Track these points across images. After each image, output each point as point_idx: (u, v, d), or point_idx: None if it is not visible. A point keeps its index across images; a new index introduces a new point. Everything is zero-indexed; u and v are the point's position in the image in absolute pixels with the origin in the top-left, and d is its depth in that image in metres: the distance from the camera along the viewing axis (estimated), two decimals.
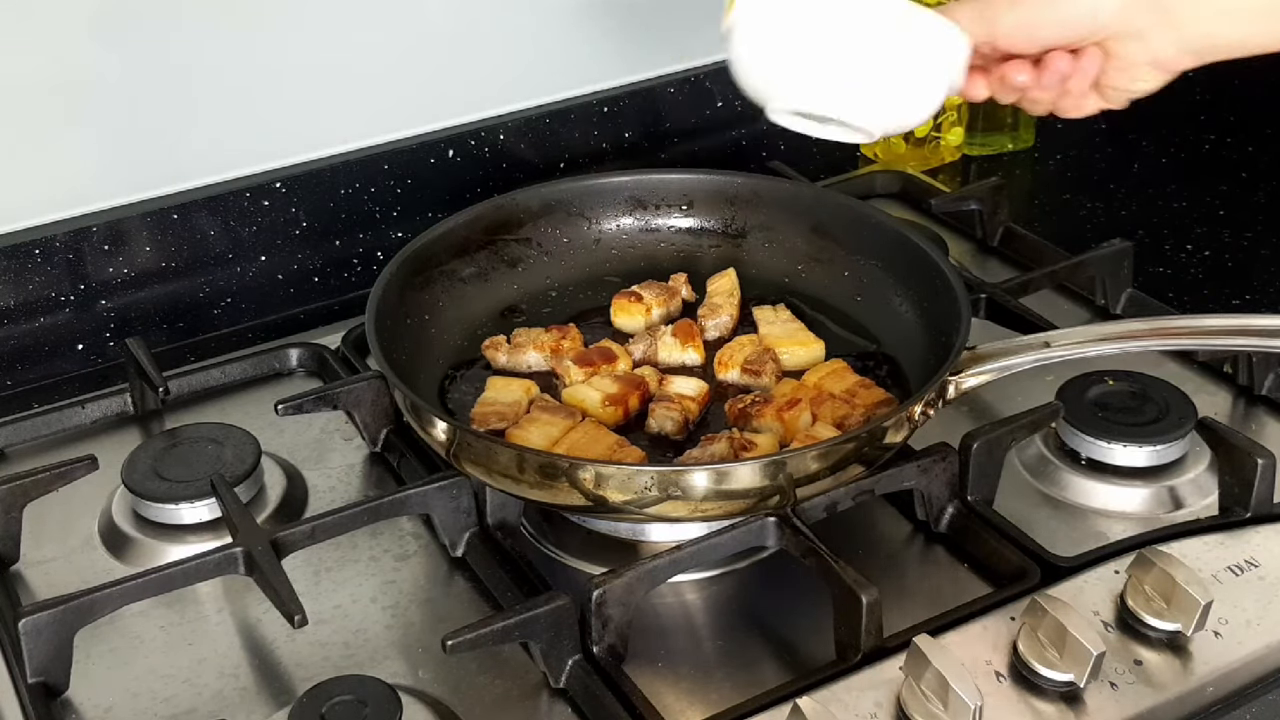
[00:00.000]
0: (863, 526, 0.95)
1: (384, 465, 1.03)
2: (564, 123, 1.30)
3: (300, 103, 1.20)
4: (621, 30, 1.31)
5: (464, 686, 0.84)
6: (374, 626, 0.89)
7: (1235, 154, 1.45)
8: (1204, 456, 0.98)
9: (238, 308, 1.22)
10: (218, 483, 0.93)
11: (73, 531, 0.97)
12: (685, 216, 1.15)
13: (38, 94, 1.09)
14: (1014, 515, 0.93)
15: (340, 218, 1.23)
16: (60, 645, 0.83)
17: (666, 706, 0.81)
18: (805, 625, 0.86)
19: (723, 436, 0.92)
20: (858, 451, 0.87)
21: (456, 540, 0.93)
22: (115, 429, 1.07)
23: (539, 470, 0.86)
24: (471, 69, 1.26)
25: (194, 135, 1.17)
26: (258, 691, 0.85)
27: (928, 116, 0.88)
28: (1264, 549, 0.89)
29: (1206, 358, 1.10)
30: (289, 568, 0.86)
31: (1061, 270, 1.18)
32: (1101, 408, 1.00)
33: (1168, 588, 0.82)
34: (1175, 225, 1.33)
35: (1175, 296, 1.20)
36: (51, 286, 1.14)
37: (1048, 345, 0.94)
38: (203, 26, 1.13)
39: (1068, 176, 1.43)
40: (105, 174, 1.14)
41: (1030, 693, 0.80)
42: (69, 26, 1.08)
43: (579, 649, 0.82)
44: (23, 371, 1.14)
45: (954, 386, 0.93)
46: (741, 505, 0.86)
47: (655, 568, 0.83)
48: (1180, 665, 0.82)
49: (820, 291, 1.10)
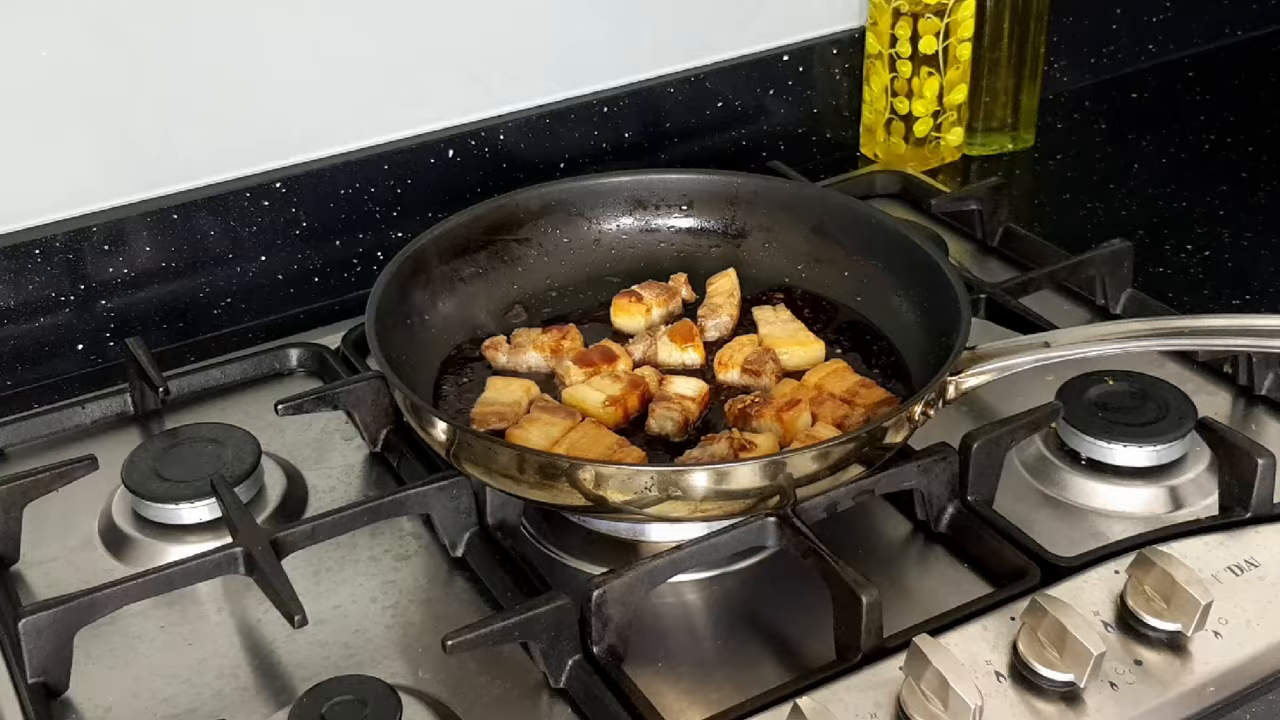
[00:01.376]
0: (863, 526, 0.95)
1: (384, 465, 1.03)
2: (564, 123, 1.30)
3: (300, 103, 1.20)
4: (621, 30, 1.31)
5: (464, 686, 0.84)
6: (374, 626, 0.89)
7: (1235, 154, 1.45)
8: (1204, 456, 0.98)
9: (238, 308, 1.22)
10: (218, 483, 0.93)
11: (73, 531, 0.97)
12: (685, 216, 1.15)
13: (38, 94, 1.09)
14: (1014, 515, 0.93)
15: (340, 218, 1.23)
16: (60, 645, 0.83)
17: (666, 706, 0.81)
18: (805, 625, 0.87)
19: (722, 437, 0.92)
20: (858, 451, 0.87)
21: (456, 540, 0.93)
22: (115, 429, 1.07)
23: (539, 470, 0.86)
24: (471, 69, 1.26)
25: (194, 135, 1.17)
26: (258, 691, 0.85)
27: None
28: (1264, 549, 0.90)
29: (1206, 358, 1.10)
30: (289, 568, 0.86)
31: (1061, 270, 1.18)
32: (1101, 408, 1.00)
33: (1168, 588, 0.82)
34: (1175, 225, 1.33)
35: (1175, 296, 1.20)
36: (51, 286, 1.14)
37: (1048, 345, 0.94)
38: (203, 26, 1.13)
39: (1068, 176, 1.43)
40: (105, 174, 1.14)
41: (1030, 693, 0.80)
42: (69, 26, 1.08)
43: (579, 649, 0.82)
44: (23, 371, 1.14)
45: (954, 386, 0.94)
46: (741, 505, 0.86)
47: (655, 568, 0.83)
48: (1180, 665, 0.82)
49: (820, 291, 1.11)
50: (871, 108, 1.42)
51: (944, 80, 1.37)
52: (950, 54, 1.36)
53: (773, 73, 1.40)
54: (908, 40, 1.35)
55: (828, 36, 1.43)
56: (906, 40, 1.35)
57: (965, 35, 1.36)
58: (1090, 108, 1.56)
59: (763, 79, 1.39)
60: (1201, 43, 1.68)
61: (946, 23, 1.34)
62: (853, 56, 1.43)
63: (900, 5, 1.34)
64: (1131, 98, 1.59)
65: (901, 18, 1.34)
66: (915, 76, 1.36)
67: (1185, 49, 1.67)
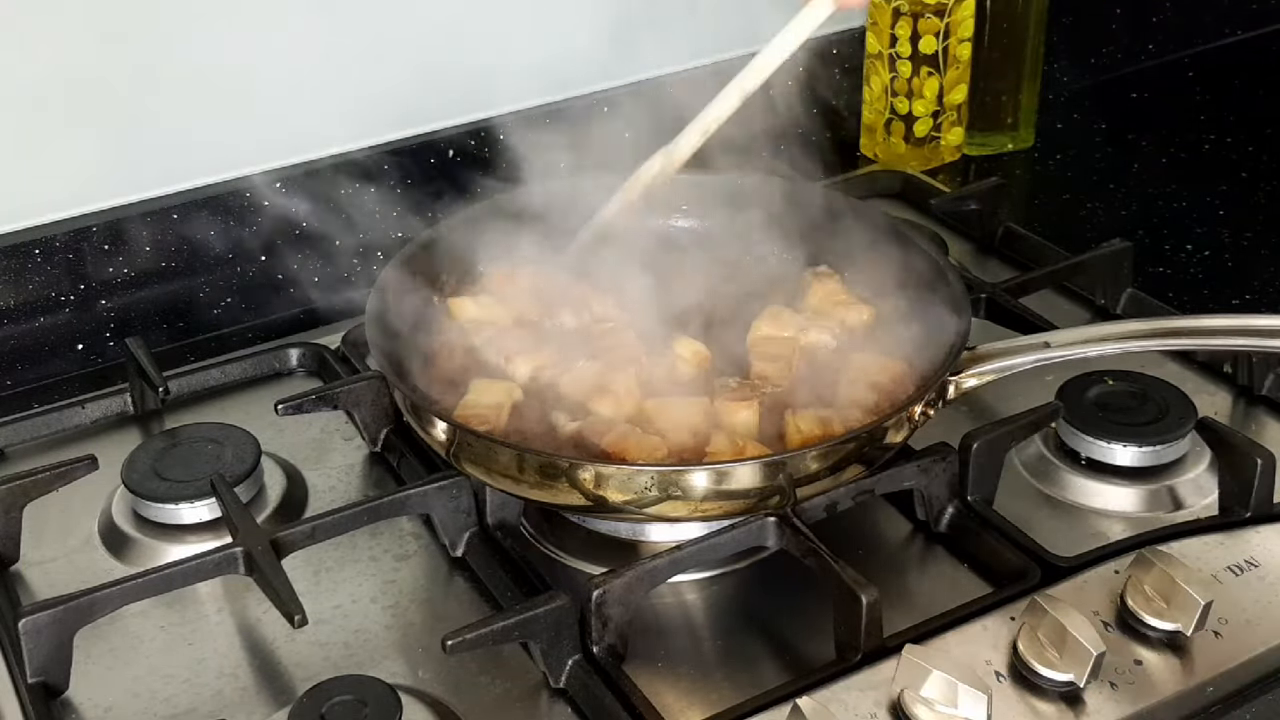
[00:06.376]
0: (863, 526, 0.95)
1: (384, 465, 1.03)
2: (564, 122, 1.30)
3: (300, 102, 1.19)
4: (621, 30, 1.31)
5: (464, 686, 0.84)
6: (374, 626, 0.89)
7: (1235, 154, 1.46)
8: (1204, 456, 0.98)
9: (238, 308, 1.21)
10: (218, 483, 0.93)
11: (73, 531, 0.97)
12: (685, 216, 1.15)
13: (38, 94, 1.09)
14: (1014, 515, 0.93)
15: (340, 218, 1.23)
16: (60, 645, 0.83)
17: (666, 706, 0.81)
18: (805, 625, 0.87)
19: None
20: (858, 451, 0.88)
21: (456, 540, 0.93)
22: (115, 429, 1.07)
23: (539, 470, 0.86)
24: (471, 68, 1.26)
25: (194, 135, 1.17)
26: (258, 691, 0.85)
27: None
28: (1264, 549, 0.89)
29: (1206, 358, 1.10)
30: (289, 568, 0.86)
31: (1061, 270, 1.18)
32: (1101, 408, 1.00)
33: (1168, 588, 0.82)
34: (1175, 225, 1.33)
35: (1175, 296, 1.20)
36: (51, 286, 1.14)
37: (1048, 345, 0.94)
38: (203, 26, 1.13)
39: (1068, 176, 1.43)
40: (105, 174, 1.14)
41: (1030, 693, 0.80)
42: (70, 26, 1.08)
43: (579, 649, 0.82)
44: (23, 371, 1.14)
45: (954, 386, 0.94)
46: (741, 505, 0.86)
47: (655, 568, 0.83)
48: (1180, 665, 0.82)
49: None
50: (871, 108, 1.42)
51: (944, 80, 1.37)
52: (950, 54, 1.36)
53: (773, 73, 1.40)
54: (908, 40, 1.35)
55: (828, 36, 1.43)
56: (906, 40, 1.35)
57: (965, 35, 1.36)
58: (1090, 108, 1.56)
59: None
60: (1201, 43, 1.68)
61: (946, 23, 1.34)
62: (853, 56, 1.43)
63: (900, 5, 1.34)
64: (1131, 98, 1.59)
65: (901, 18, 1.34)
66: (915, 76, 1.36)
67: (1185, 49, 1.67)
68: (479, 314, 1.04)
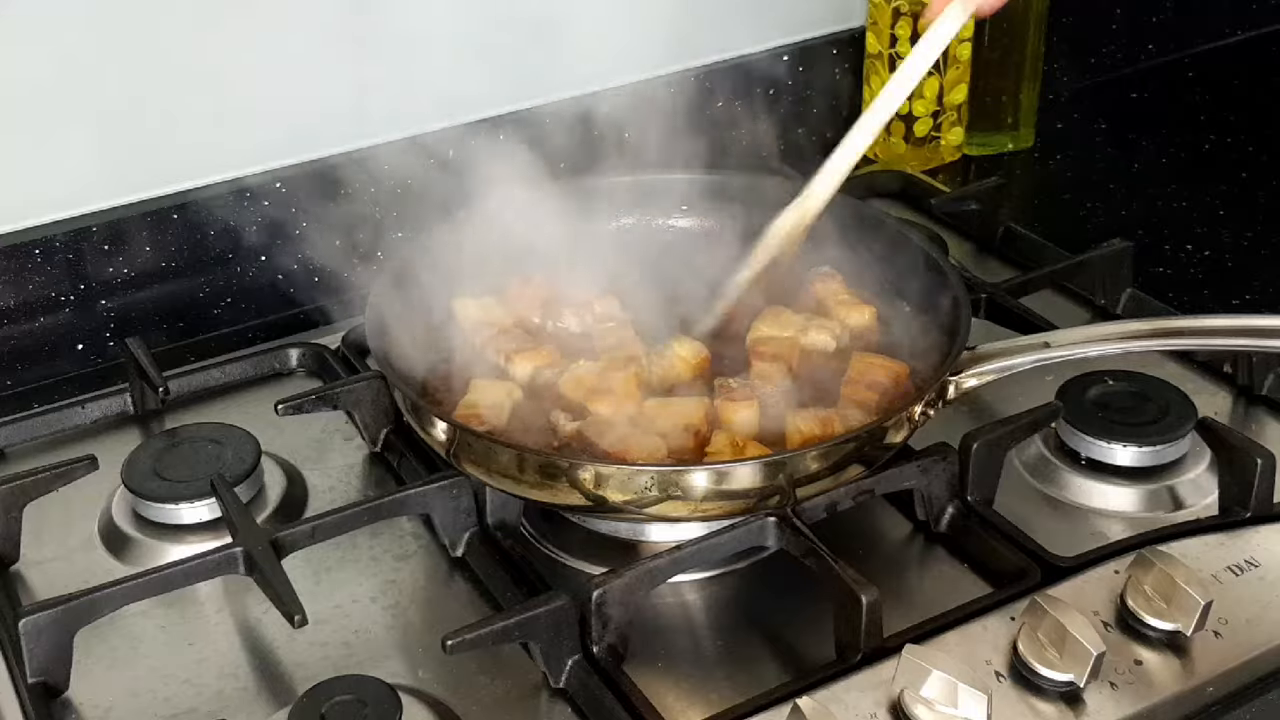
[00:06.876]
0: (863, 526, 0.95)
1: (384, 465, 1.03)
2: (562, 122, 1.30)
3: (300, 102, 1.19)
4: (620, 30, 1.31)
5: (464, 686, 0.84)
6: (374, 626, 0.89)
7: (1235, 154, 1.46)
8: (1204, 456, 0.98)
9: (238, 308, 1.21)
10: (218, 483, 0.93)
11: (73, 531, 0.97)
12: (685, 216, 1.15)
13: (38, 94, 1.09)
14: (1014, 515, 0.93)
15: (339, 218, 1.23)
16: (60, 645, 0.83)
17: (666, 706, 0.81)
18: (805, 625, 0.87)
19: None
20: (858, 451, 0.88)
21: (456, 540, 0.93)
22: (115, 429, 1.07)
23: (539, 470, 0.86)
24: (470, 68, 1.26)
25: (194, 135, 1.17)
26: (258, 691, 0.85)
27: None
28: (1264, 549, 0.89)
29: (1206, 358, 1.10)
30: (289, 568, 0.86)
31: (1061, 270, 1.18)
32: (1101, 408, 1.00)
33: (1168, 588, 0.82)
34: (1175, 225, 1.33)
35: (1175, 296, 1.20)
36: (51, 286, 1.14)
37: (1048, 345, 0.94)
38: (203, 26, 1.13)
39: (1068, 176, 1.43)
40: (105, 174, 1.14)
41: (1030, 693, 0.80)
42: (69, 26, 1.08)
43: (579, 649, 0.82)
44: (23, 371, 1.14)
45: (954, 386, 0.94)
46: (741, 505, 0.86)
47: (655, 568, 0.83)
48: (1180, 665, 0.82)
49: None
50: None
51: (944, 80, 1.37)
52: (950, 54, 1.36)
53: (773, 73, 1.40)
54: (908, 40, 1.34)
55: (828, 36, 1.43)
56: (906, 40, 1.35)
57: (965, 35, 1.36)
58: (1090, 108, 1.56)
59: (763, 79, 1.39)
60: (1201, 43, 1.69)
61: None
62: (853, 56, 1.43)
63: (900, 5, 1.34)
64: (1131, 98, 1.59)
65: (901, 18, 1.34)
66: None
67: (1185, 49, 1.67)
68: (479, 314, 1.04)
